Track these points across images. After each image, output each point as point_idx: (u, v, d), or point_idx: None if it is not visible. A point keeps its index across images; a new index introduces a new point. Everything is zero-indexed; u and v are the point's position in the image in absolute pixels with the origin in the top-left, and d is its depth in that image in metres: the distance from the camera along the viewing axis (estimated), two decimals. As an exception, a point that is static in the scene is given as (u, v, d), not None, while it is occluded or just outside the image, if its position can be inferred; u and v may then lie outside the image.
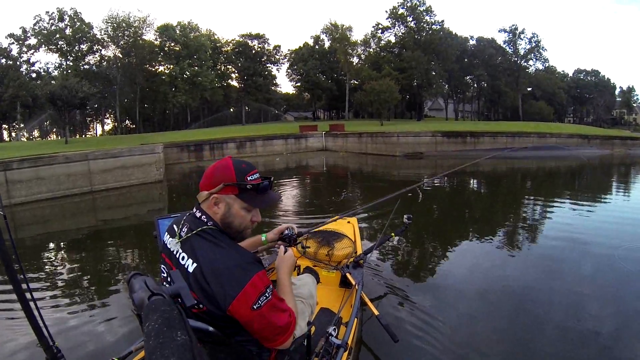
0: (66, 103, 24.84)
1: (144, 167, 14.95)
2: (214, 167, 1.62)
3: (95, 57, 50.06)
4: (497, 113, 70.87)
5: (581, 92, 77.24)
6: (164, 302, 1.06)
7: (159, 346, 0.91)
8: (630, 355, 3.16)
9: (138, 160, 14.81)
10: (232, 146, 26.35)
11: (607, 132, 31.80)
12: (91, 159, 13.37)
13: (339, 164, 22.81)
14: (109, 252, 6.85)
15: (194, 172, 19.84)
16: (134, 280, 1.19)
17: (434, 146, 24.06)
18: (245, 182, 1.56)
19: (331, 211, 8.68)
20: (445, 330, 3.50)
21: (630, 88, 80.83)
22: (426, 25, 56.08)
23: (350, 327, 2.48)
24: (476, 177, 15.48)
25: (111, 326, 3.83)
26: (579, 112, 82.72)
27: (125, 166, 14.33)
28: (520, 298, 4.20)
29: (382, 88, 37.16)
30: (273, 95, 67.47)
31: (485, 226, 7.64)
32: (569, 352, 3.22)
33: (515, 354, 3.22)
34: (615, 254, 5.39)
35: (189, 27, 54.92)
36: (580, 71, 79.84)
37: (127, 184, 14.13)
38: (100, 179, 13.49)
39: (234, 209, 1.58)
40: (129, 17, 47.96)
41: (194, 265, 1.47)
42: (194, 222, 1.58)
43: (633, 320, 3.68)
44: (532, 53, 61.68)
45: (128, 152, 14.70)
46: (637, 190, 12.41)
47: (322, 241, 3.63)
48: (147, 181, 14.73)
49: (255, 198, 1.61)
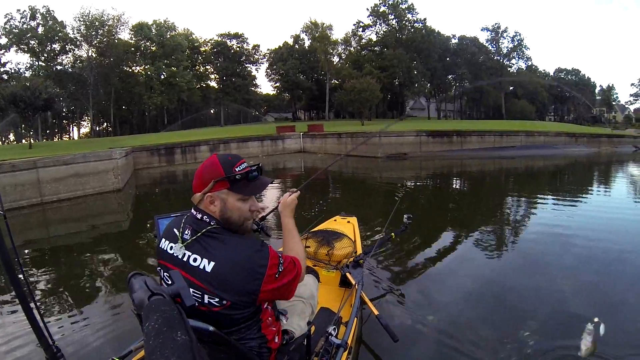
0: (29, 105, 23.69)
1: (101, 175, 13.41)
2: (202, 167, 1.61)
3: (68, 57, 48.85)
4: (480, 112, 71.67)
5: (562, 90, 78.19)
6: (164, 302, 1.09)
7: (159, 346, 0.93)
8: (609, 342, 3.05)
9: (94, 167, 13.29)
10: (204, 149, 25.09)
11: (594, 131, 32.65)
12: (40, 167, 11.88)
13: (318, 166, 21.60)
14: (109, 253, 6.87)
15: (165, 177, 18.84)
16: (134, 280, 1.22)
17: (418, 146, 23.10)
18: (234, 173, 1.56)
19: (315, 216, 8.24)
20: (445, 330, 3.48)
21: (610, 87, 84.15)
22: (408, 23, 56.05)
23: (350, 327, 2.49)
24: (475, 177, 15.81)
25: (111, 326, 3.81)
26: (559, 111, 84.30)
27: (79, 174, 12.82)
28: (522, 298, 4.15)
29: (363, 86, 36.28)
30: (253, 96, 66.69)
31: (486, 226, 7.57)
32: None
33: (516, 354, 3.13)
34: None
35: (165, 26, 54.14)
36: (561, 70, 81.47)
37: (81, 193, 12.64)
38: (51, 188, 12.01)
39: (229, 203, 1.58)
40: (102, 15, 46.66)
41: (212, 264, 1.47)
42: (197, 223, 1.57)
43: (611, 309, 3.83)
44: (514, 52, 61.93)
45: (82, 158, 13.13)
46: (627, 186, 13.07)
47: (322, 241, 3.63)
48: (105, 190, 13.25)
49: (247, 186, 1.61)
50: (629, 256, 5.29)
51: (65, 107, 52.34)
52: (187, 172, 19.97)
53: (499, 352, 3.17)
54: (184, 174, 19.66)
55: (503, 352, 3.16)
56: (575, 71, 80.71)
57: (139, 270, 1.36)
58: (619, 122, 79.96)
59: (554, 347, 3.19)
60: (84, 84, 46.87)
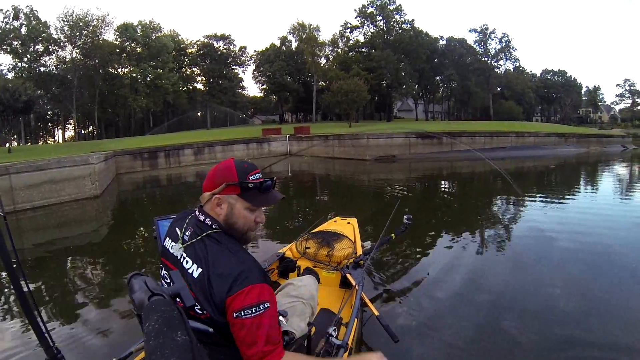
0: (8, 107, 23.11)
1: (77, 181, 12.72)
2: (216, 168, 1.60)
3: (51, 58, 47.69)
4: (467, 113, 72.06)
5: (549, 91, 78.89)
6: (164, 302, 1.08)
7: (159, 346, 0.93)
8: (593, 337, 3.35)
9: (69, 172, 12.59)
10: (189, 152, 24.47)
11: (583, 131, 33.02)
12: (13, 173, 11.25)
13: (305, 169, 21.15)
14: (108, 253, 6.92)
15: (148, 182, 18.14)
16: (134, 281, 1.21)
17: (407, 148, 22.73)
18: (247, 181, 1.55)
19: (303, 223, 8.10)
20: (445, 330, 3.50)
21: (595, 87, 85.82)
22: (396, 24, 55.85)
23: (350, 328, 2.46)
24: (474, 177, 15.98)
25: (111, 326, 3.83)
26: (546, 112, 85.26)
27: (55, 180, 12.14)
28: (522, 297, 4.18)
29: (350, 87, 35.78)
30: (240, 99, 66.00)
31: (485, 226, 7.61)
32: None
33: (516, 353, 3.17)
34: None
35: (150, 27, 53.22)
36: (548, 71, 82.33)
37: (56, 201, 11.96)
38: (24, 196, 11.37)
39: (236, 209, 1.55)
40: (86, 16, 45.75)
41: (199, 270, 1.44)
42: (198, 225, 1.55)
43: (595, 305, 3.94)
44: (502, 53, 62.16)
45: (57, 163, 12.43)
46: (613, 185, 13.52)
47: (322, 242, 3.63)
48: (81, 197, 12.58)
49: (258, 197, 1.58)
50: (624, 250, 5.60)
51: (50, 110, 51.33)
52: (170, 176, 19.42)
53: (500, 351, 3.19)
54: (168, 178, 19.11)
55: (504, 351, 3.18)
56: (562, 72, 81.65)
57: (137, 270, 1.30)
58: (604, 122, 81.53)
59: (556, 347, 3.22)
60: (68, 86, 45.79)
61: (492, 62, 62.57)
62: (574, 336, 3.40)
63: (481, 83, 61.87)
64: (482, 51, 62.02)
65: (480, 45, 61.93)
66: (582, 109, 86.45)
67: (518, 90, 67.65)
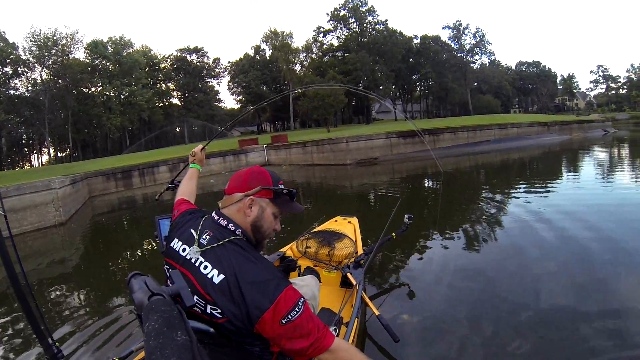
0: None
1: (39, 208, 11.71)
2: (249, 171, 1.62)
3: (21, 80, 46.28)
4: (446, 110, 72.39)
5: (524, 83, 79.72)
6: (164, 302, 1.08)
7: (159, 346, 0.93)
8: (583, 325, 3.31)
9: (30, 200, 11.62)
10: (164, 169, 23.46)
11: (563, 118, 33.44)
12: None
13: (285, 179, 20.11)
14: (108, 253, 7.07)
15: (123, 203, 17.02)
16: (134, 281, 1.21)
17: (389, 149, 22.12)
18: (280, 187, 1.58)
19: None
20: (446, 330, 3.44)
21: (570, 75, 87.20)
22: (369, 26, 55.73)
23: (350, 327, 2.47)
24: (473, 173, 15.69)
25: (111, 326, 3.81)
26: (523, 103, 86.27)
27: (14, 209, 11.14)
28: (523, 296, 4.00)
29: (326, 92, 35.23)
30: (217, 112, 65.01)
31: (485, 225, 7.31)
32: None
33: (517, 353, 3.04)
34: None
35: (121, 43, 51.97)
36: (523, 63, 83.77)
37: (18, 231, 10.81)
38: None
39: (266, 213, 1.57)
40: (54, 34, 44.37)
41: (221, 276, 1.41)
42: (219, 230, 1.53)
43: (583, 293, 3.90)
44: (477, 47, 62.52)
45: (16, 190, 11.42)
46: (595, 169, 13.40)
47: (322, 241, 3.63)
48: (44, 225, 11.56)
49: (287, 204, 1.61)
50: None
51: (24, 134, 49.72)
52: (146, 195, 18.34)
53: (500, 350, 3.13)
54: (144, 197, 18.06)
55: (504, 351, 3.11)
56: (537, 63, 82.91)
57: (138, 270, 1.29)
58: (581, 108, 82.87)
59: (558, 347, 3.13)
60: (40, 109, 44.45)
61: (468, 57, 63.07)
62: (583, 338, 3.23)
63: (458, 79, 62.17)
64: (457, 47, 62.54)
65: (454, 41, 62.36)
66: (559, 97, 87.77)
67: (495, 84, 68.45)
